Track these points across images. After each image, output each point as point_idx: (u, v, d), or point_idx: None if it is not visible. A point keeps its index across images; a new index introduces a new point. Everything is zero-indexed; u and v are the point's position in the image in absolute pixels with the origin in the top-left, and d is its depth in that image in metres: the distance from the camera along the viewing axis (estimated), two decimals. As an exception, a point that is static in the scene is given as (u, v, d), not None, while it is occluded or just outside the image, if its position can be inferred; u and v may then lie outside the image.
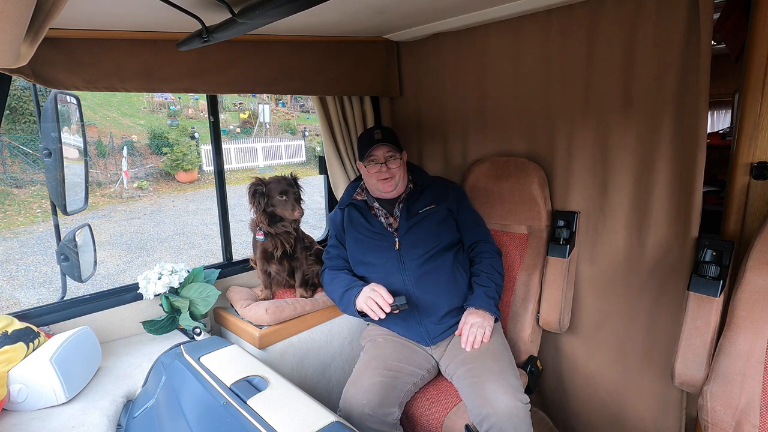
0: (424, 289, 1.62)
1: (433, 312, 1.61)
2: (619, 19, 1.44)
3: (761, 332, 1.05)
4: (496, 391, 1.32)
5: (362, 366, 1.54)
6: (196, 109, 16.47)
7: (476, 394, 1.35)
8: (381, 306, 1.48)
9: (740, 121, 1.22)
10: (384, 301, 1.48)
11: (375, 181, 1.73)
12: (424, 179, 1.82)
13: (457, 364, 1.50)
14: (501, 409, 1.28)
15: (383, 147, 1.70)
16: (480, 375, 1.40)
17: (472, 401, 1.37)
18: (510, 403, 1.29)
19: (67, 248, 1.43)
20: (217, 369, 1.17)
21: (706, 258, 1.25)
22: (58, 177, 1.30)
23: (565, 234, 1.65)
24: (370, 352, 1.61)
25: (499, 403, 1.29)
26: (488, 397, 1.31)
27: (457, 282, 1.65)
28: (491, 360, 1.46)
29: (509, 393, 1.31)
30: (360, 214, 1.77)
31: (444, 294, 1.62)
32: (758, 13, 1.14)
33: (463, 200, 1.81)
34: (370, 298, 1.51)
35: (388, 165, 1.70)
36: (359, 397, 1.39)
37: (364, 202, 1.80)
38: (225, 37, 1.07)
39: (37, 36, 0.64)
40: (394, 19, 1.66)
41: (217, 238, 8.10)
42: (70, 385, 1.26)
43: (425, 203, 1.73)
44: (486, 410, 1.29)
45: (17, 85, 10.69)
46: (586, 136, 1.60)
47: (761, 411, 1.03)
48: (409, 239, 1.67)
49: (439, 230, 1.69)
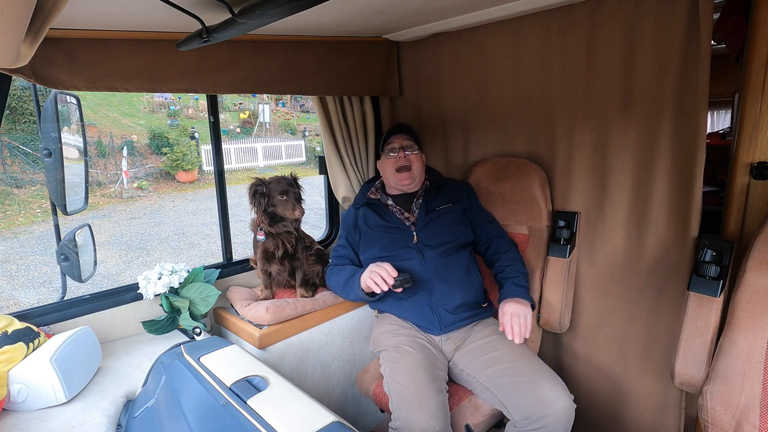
0: (442, 277, 1.64)
1: (448, 301, 1.62)
2: (619, 19, 1.44)
3: (761, 332, 1.05)
4: (554, 392, 1.30)
5: (410, 379, 1.41)
6: (196, 109, 16.47)
7: (529, 392, 1.32)
8: (385, 279, 1.48)
9: (740, 121, 1.22)
10: (388, 273, 1.48)
11: (393, 171, 1.75)
12: (439, 179, 1.86)
13: (486, 363, 1.47)
14: (560, 410, 1.27)
15: (401, 135, 1.76)
16: (528, 374, 1.37)
17: (519, 400, 1.33)
18: (567, 405, 1.29)
19: (67, 248, 1.43)
20: (217, 369, 1.17)
21: (706, 258, 1.25)
22: (58, 177, 1.30)
23: (565, 234, 1.65)
24: (405, 361, 1.49)
25: (558, 403, 1.28)
26: (546, 397, 1.29)
27: (471, 278, 1.67)
28: (528, 359, 1.44)
29: (565, 394, 1.31)
30: (374, 212, 1.79)
31: (460, 285, 1.64)
32: (758, 13, 1.14)
33: (474, 199, 1.85)
34: (375, 272, 1.51)
35: (405, 152, 1.73)
36: (431, 423, 1.28)
37: (378, 201, 1.82)
38: (225, 37, 1.07)
39: (38, 36, 0.64)
40: (394, 19, 1.66)
41: (217, 238, 8.10)
42: (70, 385, 1.26)
43: (442, 201, 1.76)
44: (543, 410, 1.27)
45: (17, 85, 10.69)
46: (586, 136, 1.60)
47: (761, 411, 1.03)
48: (426, 233, 1.69)
49: (456, 228, 1.72)
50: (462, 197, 1.79)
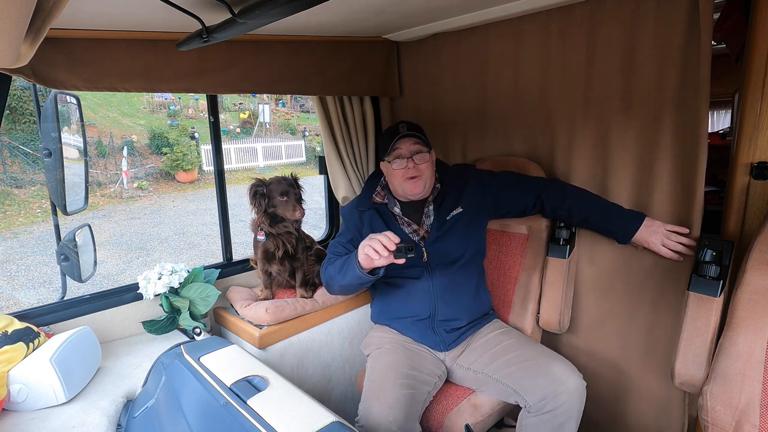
0: (447, 301, 1.58)
1: (452, 323, 1.58)
2: (619, 19, 1.44)
3: (761, 332, 1.05)
4: (564, 371, 1.34)
5: (379, 376, 1.43)
6: (196, 109, 16.47)
7: (540, 374, 1.35)
8: (386, 245, 1.33)
9: (740, 121, 1.22)
10: (389, 239, 1.33)
11: (401, 180, 1.55)
12: (446, 175, 1.68)
13: (492, 357, 1.48)
14: (572, 388, 1.31)
15: (409, 140, 1.53)
16: (536, 358, 1.41)
17: (532, 383, 1.34)
18: (579, 382, 1.33)
19: (67, 248, 1.43)
20: (217, 369, 1.17)
21: (706, 258, 1.25)
22: (58, 177, 1.30)
23: (565, 234, 1.64)
24: (383, 360, 1.50)
25: (570, 381, 1.32)
26: (558, 376, 1.33)
27: (479, 297, 1.64)
28: (533, 346, 1.48)
29: (575, 372, 1.35)
30: (381, 219, 1.62)
31: (467, 308, 1.60)
32: (758, 13, 1.14)
33: (487, 179, 1.67)
34: (374, 239, 1.35)
35: (415, 161, 1.52)
36: (385, 414, 1.28)
37: (385, 206, 1.65)
38: (225, 37, 1.07)
39: (38, 36, 0.64)
40: (393, 19, 1.66)
41: (216, 238, 8.10)
42: (70, 385, 1.26)
43: (452, 205, 1.60)
44: (558, 388, 1.30)
45: (17, 85, 10.68)
46: (586, 135, 1.60)
47: (761, 411, 1.03)
48: (438, 249, 1.56)
49: (466, 236, 1.60)
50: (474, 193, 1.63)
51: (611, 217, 1.50)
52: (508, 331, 1.60)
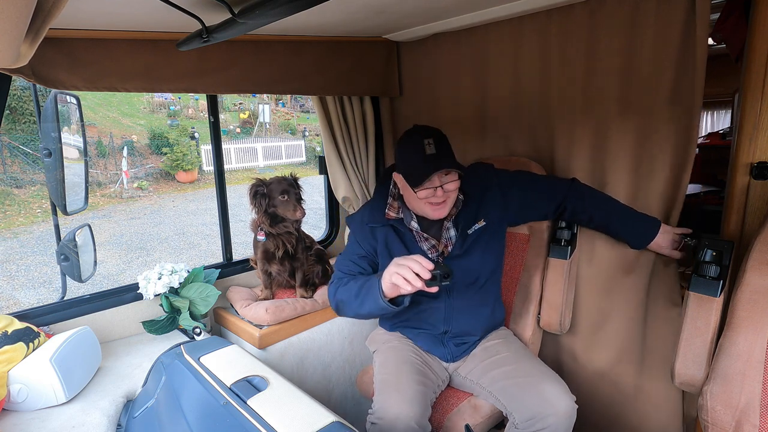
0: (464, 320, 1.53)
1: (462, 338, 1.56)
2: (618, 19, 1.44)
3: (761, 332, 1.05)
4: (556, 392, 1.31)
5: (394, 369, 1.40)
6: (196, 109, 16.47)
7: (532, 393, 1.32)
8: (419, 273, 1.14)
9: (740, 121, 1.22)
10: (421, 266, 1.14)
11: (422, 204, 1.38)
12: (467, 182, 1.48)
13: (487, 368, 1.46)
14: (562, 410, 1.28)
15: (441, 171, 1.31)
16: (530, 375, 1.37)
17: (521, 401, 1.33)
18: (569, 405, 1.29)
19: (67, 248, 1.43)
20: (217, 369, 1.17)
21: (706, 258, 1.25)
22: (58, 177, 1.30)
23: (566, 235, 1.64)
24: (395, 356, 1.47)
25: (560, 403, 1.28)
26: (548, 397, 1.30)
27: (494, 314, 1.61)
28: (529, 361, 1.44)
29: (567, 394, 1.31)
30: (398, 237, 1.47)
31: (481, 325, 1.58)
32: (758, 13, 1.14)
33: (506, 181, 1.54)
34: (403, 266, 1.16)
35: (444, 189, 1.35)
36: (405, 408, 1.24)
37: (400, 221, 1.47)
38: (225, 37, 1.07)
39: (38, 36, 0.64)
40: (393, 19, 1.66)
41: (217, 238, 8.10)
42: (70, 385, 1.26)
43: (472, 218, 1.47)
44: (545, 411, 1.27)
45: (17, 85, 10.69)
46: (586, 135, 1.60)
47: (761, 411, 1.03)
48: (458, 267, 1.40)
49: (486, 251, 1.50)
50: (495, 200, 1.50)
51: (629, 224, 1.48)
52: (507, 342, 1.57)
